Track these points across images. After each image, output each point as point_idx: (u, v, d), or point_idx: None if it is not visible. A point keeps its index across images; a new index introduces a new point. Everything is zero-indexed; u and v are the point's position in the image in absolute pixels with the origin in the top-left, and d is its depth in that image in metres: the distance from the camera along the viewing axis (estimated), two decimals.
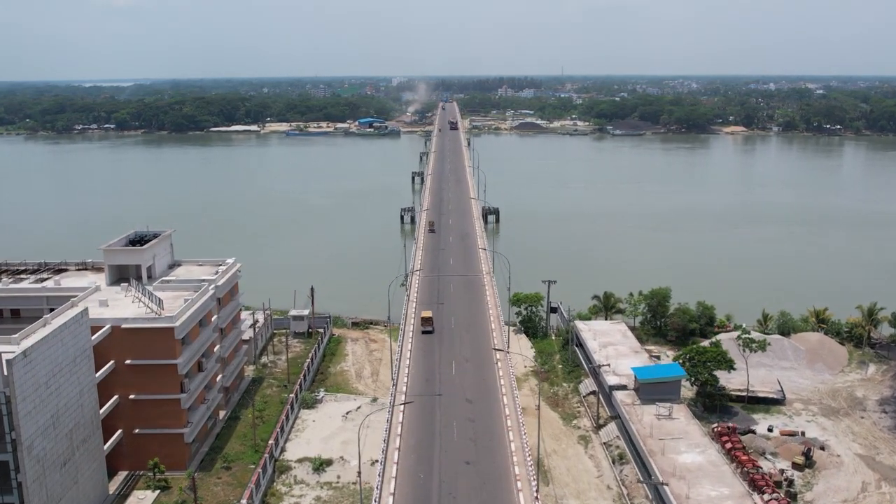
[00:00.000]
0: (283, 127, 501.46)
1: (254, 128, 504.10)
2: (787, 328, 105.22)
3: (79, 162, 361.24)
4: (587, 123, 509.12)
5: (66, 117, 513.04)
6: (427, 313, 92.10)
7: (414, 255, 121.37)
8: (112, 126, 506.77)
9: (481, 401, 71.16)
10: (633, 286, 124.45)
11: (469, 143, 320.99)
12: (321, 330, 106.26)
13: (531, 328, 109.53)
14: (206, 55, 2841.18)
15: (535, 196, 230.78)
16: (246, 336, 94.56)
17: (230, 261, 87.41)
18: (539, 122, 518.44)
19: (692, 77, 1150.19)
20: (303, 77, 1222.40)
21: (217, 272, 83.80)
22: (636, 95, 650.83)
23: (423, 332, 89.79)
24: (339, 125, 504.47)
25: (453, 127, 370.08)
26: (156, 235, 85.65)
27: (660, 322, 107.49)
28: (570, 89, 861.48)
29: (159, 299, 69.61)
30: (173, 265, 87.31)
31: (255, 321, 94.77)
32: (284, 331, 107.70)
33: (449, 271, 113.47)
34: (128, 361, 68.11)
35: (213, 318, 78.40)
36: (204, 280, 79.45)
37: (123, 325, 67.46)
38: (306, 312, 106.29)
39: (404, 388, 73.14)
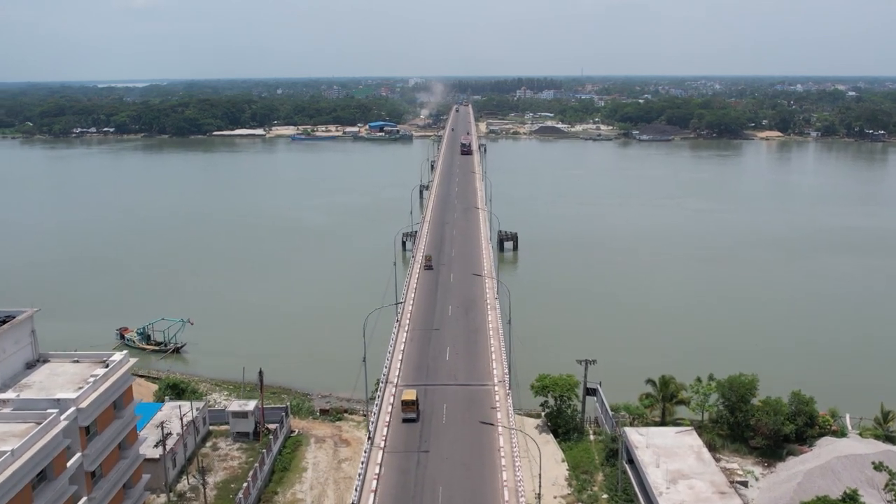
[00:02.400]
0: (290, 131, 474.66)
1: (259, 132, 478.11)
2: None
3: (58, 169, 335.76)
4: (611, 128, 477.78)
5: (65, 120, 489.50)
6: (410, 395, 68.72)
7: (395, 339, 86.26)
8: (111, 129, 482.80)
9: None
10: (693, 353, 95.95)
11: (483, 152, 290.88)
12: (273, 427, 77.51)
13: (561, 425, 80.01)
14: (223, 56, 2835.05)
15: (561, 216, 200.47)
16: (154, 454, 66.03)
17: (118, 356, 58.65)
18: (560, 125, 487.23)
19: (714, 77, 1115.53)
20: (319, 78, 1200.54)
21: (95, 377, 55.20)
22: (661, 97, 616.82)
23: (405, 421, 67.24)
24: (349, 129, 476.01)
25: (465, 151, 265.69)
26: (6, 319, 57.31)
27: (740, 419, 77.48)
28: (591, 90, 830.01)
29: None
30: (34, 363, 58.73)
31: (167, 434, 65.24)
32: (226, 426, 79.47)
33: (442, 375, 78.38)
34: None
35: (68, 464, 49.97)
36: (59, 400, 50.91)
37: None
38: (251, 406, 77.34)
39: None
